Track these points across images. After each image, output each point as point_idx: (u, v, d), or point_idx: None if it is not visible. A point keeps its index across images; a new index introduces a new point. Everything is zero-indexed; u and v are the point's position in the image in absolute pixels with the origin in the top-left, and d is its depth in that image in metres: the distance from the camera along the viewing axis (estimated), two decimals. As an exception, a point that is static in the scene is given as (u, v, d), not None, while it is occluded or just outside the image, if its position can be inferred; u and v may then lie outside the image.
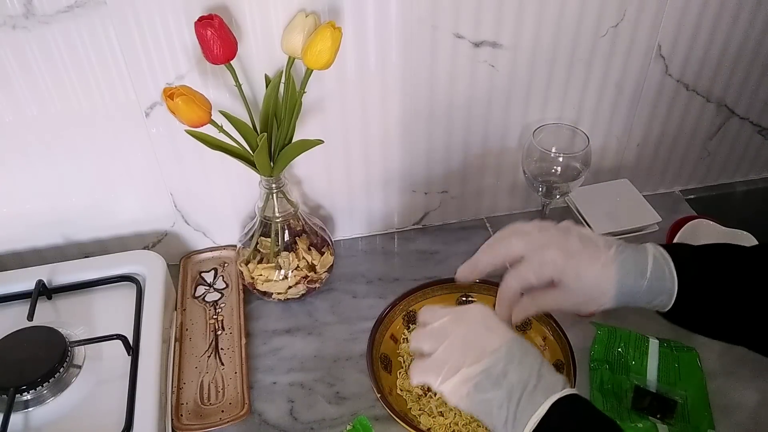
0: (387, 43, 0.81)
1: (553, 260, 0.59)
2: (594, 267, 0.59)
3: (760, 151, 1.08)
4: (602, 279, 0.58)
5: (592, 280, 0.59)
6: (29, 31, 0.71)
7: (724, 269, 0.58)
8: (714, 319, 0.59)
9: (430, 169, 0.96)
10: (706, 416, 0.75)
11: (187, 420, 0.76)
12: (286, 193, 0.84)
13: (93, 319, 0.81)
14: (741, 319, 0.58)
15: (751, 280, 0.57)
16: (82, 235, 0.92)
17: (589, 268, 0.59)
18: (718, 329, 0.61)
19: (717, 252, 0.61)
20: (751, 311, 0.57)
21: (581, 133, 0.89)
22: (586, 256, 0.59)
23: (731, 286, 0.58)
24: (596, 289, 0.59)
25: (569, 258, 0.59)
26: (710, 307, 0.59)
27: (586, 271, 0.59)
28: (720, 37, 0.90)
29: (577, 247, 0.60)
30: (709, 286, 0.58)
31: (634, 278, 0.58)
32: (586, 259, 0.59)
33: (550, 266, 0.59)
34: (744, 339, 0.60)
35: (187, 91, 0.70)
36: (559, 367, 0.78)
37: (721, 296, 0.58)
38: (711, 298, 0.58)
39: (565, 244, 0.60)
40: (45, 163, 0.83)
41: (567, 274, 0.59)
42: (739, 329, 0.59)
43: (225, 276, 0.95)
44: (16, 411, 0.70)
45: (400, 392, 0.78)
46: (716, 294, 0.58)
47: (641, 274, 0.58)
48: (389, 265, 0.98)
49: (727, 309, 0.58)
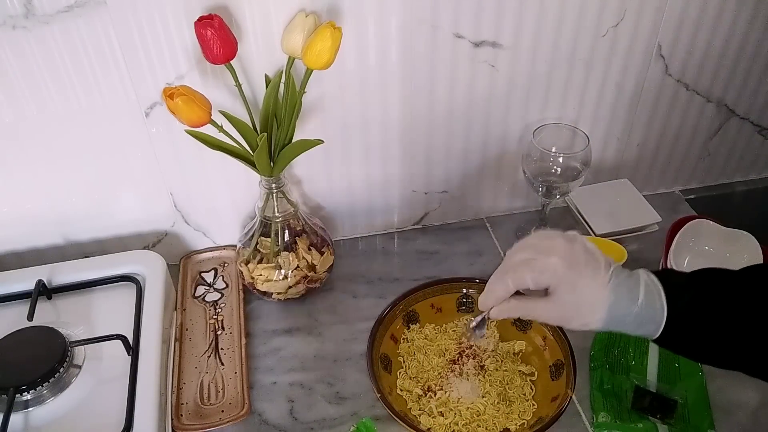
0: (387, 43, 0.81)
1: (554, 268, 0.58)
2: (593, 284, 0.58)
3: (760, 151, 1.08)
4: (597, 298, 0.58)
5: (587, 296, 0.58)
6: (29, 31, 0.71)
7: (714, 298, 0.57)
8: (703, 348, 0.59)
9: (430, 169, 0.96)
10: (706, 416, 0.75)
11: (187, 420, 0.76)
12: (286, 193, 0.84)
13: (93, 319, 0.81)
14: (732, 347, 0.57)
15: (741, 309, 0.56)
16: (82, 235, 0.92)
17: (588, 283, 0.58)
18: (707, 357, 0.60)
19: (707, 280, 0.60)
20: (743, 340, 0.56)
21: (581, 133, 0.89)
22: (587, 271, 0.58)
23: (721, 316, 0.57)
24: (588, 307, 0.58)
25: (570, 269, 0.58)
26: (698, 337, 0.58)
27: (584, 285, 0.58)
28: (720, 37, 0.90)
29: (580, 260, 0.59)
30: (698, 317, 0.57)
31: (625, 305, 0.57)
32: (587, 275, 0.58)
33: (549, 273, 0.58)
34: (734, 365, 0.59)
35: (187, 91, 0.70)
36: (559, 367, 0.78)
37: (710, 326, 0.57)
38: (699, 328, 0.57)
39: (568, 254, 0.59)
40: (45, 163, 0.83)
41: (565, 284, 0.58)
42: (729, 357, 0.58)
43: (225, 276, 0.95)
44: (16, 411, 0.70)
45: (400, 392, 0.78)
46: (705, 324, 0.57)
47: (632, 302, 0.57)
48: (389, 265, 0.98)
49: (717, 338, 0.57)
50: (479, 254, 0.99)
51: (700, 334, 0.57)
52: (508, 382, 0.79)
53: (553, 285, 0.59)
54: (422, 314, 0.85)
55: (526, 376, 0.80)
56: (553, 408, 0.74)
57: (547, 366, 0.80)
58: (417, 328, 0.85)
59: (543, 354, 0.81)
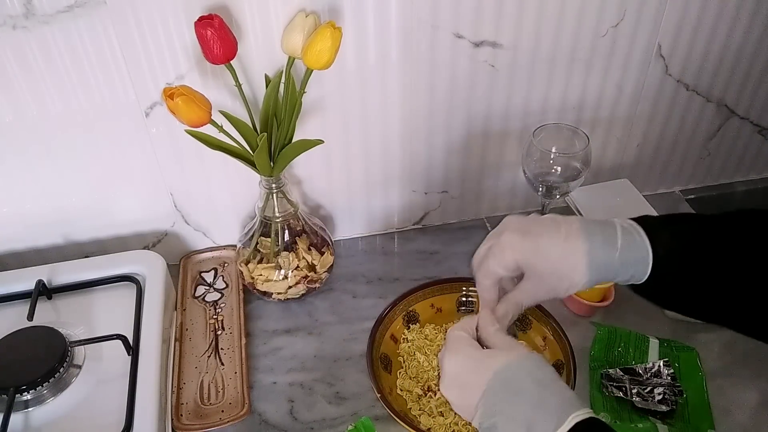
0: (387, 43, 0.81)
1: (510, 242, 0.56)
2: (556, 240, 0.55)
3: (760, 151, 1.08)
4: (569, 252, 0.55)
5: (557, 254, 0.55)
6: (29, 31, 0.71)
7: (697, 234, 0.55)
8: (692, 290, 0.55)
9: (430, 169, 0.96)
10: (706, 416, 0.75)
11: (187, 420, 0.76)
12: (286, 193, 0.84)
13: (93, 319, 0.81)
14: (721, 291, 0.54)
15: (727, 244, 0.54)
16: (82, 235, 0.92)
17: (551, 242, 0.55)
18: (696, 303, 0.57)
19: (685, 219, 0.57)
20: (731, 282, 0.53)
21: (581, 133, 0.89)
22: (545, 231, 0.56)
23: (708, 252, 0.54)
24: (565, 264, 0.55)
25: (525, 235, 0.56)
26: (688, 276, 0.55)
27: (548, 246, 0.55)
28: (720, 37, 0.90)
29: (533, 226, 0.56)
30: (684, 252, 0.54)
31: (603, 249, 0.54)
32: (546, 234, 0.55)
33: (509, 249, 0.56)
34: (723, 316, 0.56)
35: (187, 91, 0.70)
36: (559, 367, 0.78)
37: (698, 263, 0.54)
38: (688, 265, 0.54)
39: (519, 224, 0.57)
40: (45, 163, 0.83)
41: (529, 253, 0.55)
42: (718, 303, 0.55)
43: (225, 276, 0.95)
44: (16, 411, 0.70)
45: (400, 392, 0.78)
46: (693, 261, 0.54)
47: (611, 245, 0.54)
48: (389, 265, 0.98)
49: (706, 278, 0.54)
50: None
51: (688, 273, 0.55)
52: (508, 382, 0.79)
53: (520, 260, 0.56)
54: (422, 314, 0.85)
55: (526, 376, 0.80)
56: (553, 408, 0.73)
57: (547, 366, 0.79)
58: (417, 328, 0.85)
59: (543, 354, 0.81)
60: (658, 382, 0.77)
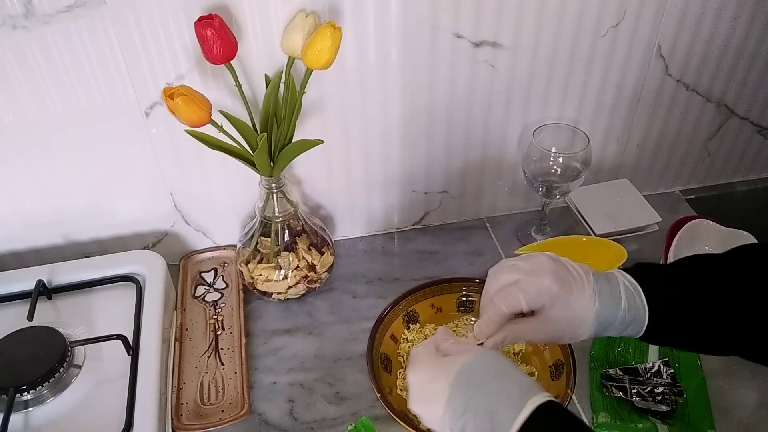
0: (387, 43, 0.81)
1: (549, 288, 0.57)
2: (583, 296, 0.57)
3: (760, 151, 1.08)
4: (586, 310, 0.57)
5: (579, 310, 0.57)
6: (29, 31, 0.71)
7: (693, 288, 0.57)
8: (689, 339, 0.59)
9: (430, 169, 0.96)
10: (706, 416, 0.75)
11: (187, 420, 0.76)
12: (286, 193, 0.84)
13: (93, 319, 0.81)
14: (720, 333, 0.57)
15: (722, 293, 0.56)
16: (82, 235, 0.92)
17: (579, 297, 0.57)
18: (696, 346, 0.60)
19: (684, 270, 0.59)
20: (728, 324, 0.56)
21: (581, 133, 0.89)
22: (577, 286, 0.58)
23: (702, 304, 0.57)
24: (580, 320, 0.58)
25: (562, 286, 0.57)
26: (682, 330, 0.58)
27: (576, 300, 0.57)
28: (720, 37, 0.90)
29: (568, 277, 0.58)
30: (678, 312, 0.57)
31: (610, 310, 0.57)
32: (577, 289, 0.58)
33: (546, 294, 0.57)
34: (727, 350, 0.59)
35: (187, 91, 0.70)
36: (559, 367, 0.78)
37: (693, 316, 0.57)
38: (682, 322, 0.57)
39: (558, 272, 0.58)
40: (45, 163, 0.83)
41: (559, 303, 0.57)
42: (720, 343, 0.58)
43: (225, 276, 0.95)
44: (16, 411, 0.70)
45: (400, 392, 0.78)
46: (687, 318, 0.57)
47: (617, 306, 0.57)
48: (389, 265, 0.98)
49: (700, 329, 0.57)
50: (479, 254, 0.99)
51: (683, 328, 0.57)
52: (508, 382, 0.79)
53: (547, 305, 0.58)
54: (422, 314, 0.85)
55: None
56: (553, 408, 0.73)
57: (547, 366, 0.79)
58: (417, 328, 0.85)
59: (543, 354, 0.81)
60: (658, 382, 0.77)
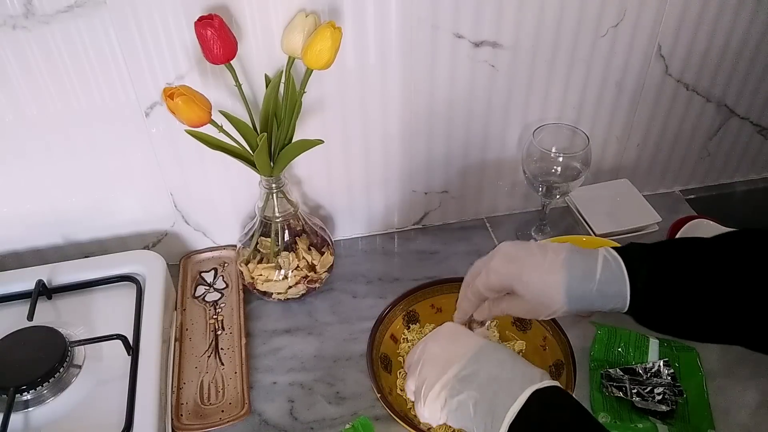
0: (387, 43, 0.81)
1: (497, 268, 0.61)
2: (537, 272, 0.59)
3: (760, 151, 1.08)
4: (549, 284, 0.58)
5: (537, 285, 0.59)
6: (29, 31, 0.71)
7: (677, 263, 0.57)
8: (676, 319, 0.58)
9: (430, 169, 0.96)
10: (706, 416, 0.75)
11: (187, 420, 0.76)
12: (286, 193, 0.84)
13: (93, 319, 0.81)
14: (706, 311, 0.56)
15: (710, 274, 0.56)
16: (82, 235, 0.92)
17: (533, 273, 0.59)
18: (682, 329, 0.59)
19: (670, 247, 0.59)
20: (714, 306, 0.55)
21: (581, 133, 0.89)
22: (529, 262, 0.59)
23: (686, 280, 0.56)
24: (544, 295, 0.59)
25: (510, 263, 0.60)
26: (669, 305, 0.57)
27: (530, 276, 0.59)
28: (720, 37, 0.90)
29: (522, 254, 0.60)
30: (662, 284, 0.56)
31: (581, 282, 0.57)
32: (529, 265, 0.59)
33: (494, 275, 0.61)
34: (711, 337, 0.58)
35: (187, 91, 0.70)
36: (559, 367, 0.78)
37: (677, 291, 0.56)
38: (667, 295, 0.57)
39: (510, 251, 0.61)
40: (45, 163, 0.83)
41: (512, 280, 0.60)
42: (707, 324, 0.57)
43: (225, 276, 0.95)
44: (16, 411, 0.70)
45: (400, 392, 0.78)
46: (672, 289, 0.56)
47: (589, 278, 0.57)
48: (389, 265, 0.98)
49: (687, 303, 0.56)
50: (479, 254, 0.96)
51: (668, 304, 0.57)
52: (508, 382, 0.79)
53: (505, 284, 0.61)
54: (422, 314, 0.85)
55: (526, 376, 0.80)
56: (553, 408, 0.73)
57: (547, 366, 0.79)
58: (417, 328, 0.85)
59: (543, 354, 0.81)
60: (658, 382, 0.77)
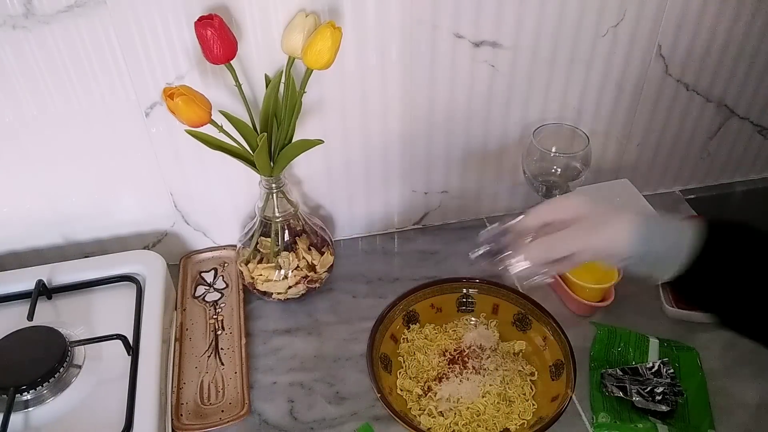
0: (387, 43, 0.81)
1: (578, 202, 0.61)
2: (619, 215, 0.60)
3: (760, 151, 1.08)
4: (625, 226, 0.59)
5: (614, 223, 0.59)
6: (29, 31, 0.71)
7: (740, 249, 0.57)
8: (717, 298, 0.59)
9: (430, 169, 0.96)
10: (706, 416, 0.75)
11: (187, 420, 0.76)
12: (286, 193, 0.84)
13: (93, 319, 0.81)
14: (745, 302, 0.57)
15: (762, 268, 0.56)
16: (82, 235, 0.92)
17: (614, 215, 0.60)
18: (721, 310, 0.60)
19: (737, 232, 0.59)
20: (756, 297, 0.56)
21: (581, 133, 0.89)
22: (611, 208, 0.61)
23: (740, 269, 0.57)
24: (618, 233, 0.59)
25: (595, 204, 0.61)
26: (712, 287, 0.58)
27: (610, 215, 0.60)
28: (720, 37, 0.90)
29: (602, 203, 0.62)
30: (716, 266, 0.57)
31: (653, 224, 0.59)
32: (611, 210, 0.61)
33: (574, 203, 0.61)
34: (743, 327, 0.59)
35: (187, 91, 0.70)
36: (559, 367, 0.78)
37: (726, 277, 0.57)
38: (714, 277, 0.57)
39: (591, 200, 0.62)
40: (45, 163, 0.83)
41: (592, 212, 0.60)
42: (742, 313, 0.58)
43: (225, 276, 0.95)
44: (16, 411, 0.70)
45: (400, 392, 0.78)
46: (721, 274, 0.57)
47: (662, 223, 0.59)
48: (389, 265, 0.98)
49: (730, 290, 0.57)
50: None
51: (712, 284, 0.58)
52: (508, 381, 0.79)
53: (580, 215, 0.61)
54: (422, 314, 0.85)
55: (526, 376, 0.80)
56: (553, 408, 0.73)
57: (547, 366, 0.80)
58: (417, 328, 0.85)
59: (543, 354, 0.81)
60: (658, 382, 0.77)
